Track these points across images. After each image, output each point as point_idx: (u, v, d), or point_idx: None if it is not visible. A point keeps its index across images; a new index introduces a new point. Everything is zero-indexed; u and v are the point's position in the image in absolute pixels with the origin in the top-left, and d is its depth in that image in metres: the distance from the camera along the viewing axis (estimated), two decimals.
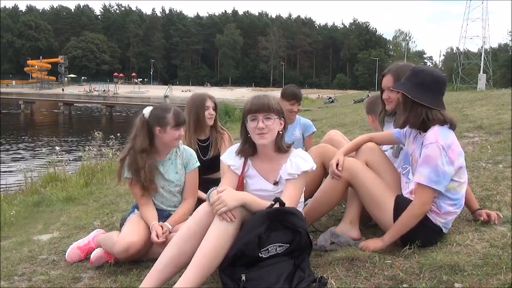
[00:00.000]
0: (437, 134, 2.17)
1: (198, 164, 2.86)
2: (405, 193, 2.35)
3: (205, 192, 2.19)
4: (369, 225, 2.67)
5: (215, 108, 3.44)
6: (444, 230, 2.29)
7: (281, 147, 2.25)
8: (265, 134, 2.18)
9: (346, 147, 2.57)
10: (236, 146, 2.38)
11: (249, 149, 2.29)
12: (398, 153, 2.70)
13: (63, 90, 64.76)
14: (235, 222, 1.97)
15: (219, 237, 1.94)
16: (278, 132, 2.23)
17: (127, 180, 2.73)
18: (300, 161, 2.21)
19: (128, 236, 2.50)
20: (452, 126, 2.25)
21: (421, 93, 2.22)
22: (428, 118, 2.22)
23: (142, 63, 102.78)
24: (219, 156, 3.32)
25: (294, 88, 3.71)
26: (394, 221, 2.25)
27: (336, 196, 2.50)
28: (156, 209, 2.77)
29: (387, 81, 2.70)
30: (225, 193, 1.99)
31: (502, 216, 2.45)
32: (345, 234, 2.42)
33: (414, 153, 2.33)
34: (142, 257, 2.58)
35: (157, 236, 2.50)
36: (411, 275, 1.96)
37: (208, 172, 3.28)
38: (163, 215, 2.76)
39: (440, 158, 2.13)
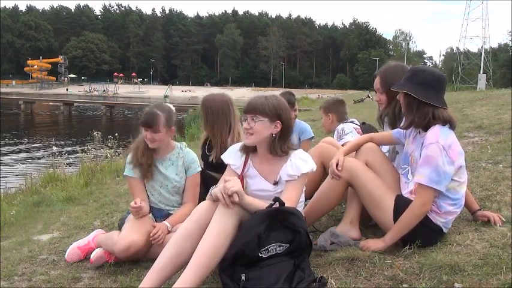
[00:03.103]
0: (438, 134, 2.17)
1: (199, 169, 2.86)
2: (405, 193, 2.35)
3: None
4: (369, 225, 2.66)
5: None
6: (444, 230, 2.29)
7: (275, 151, 2.23)
8: (250, 135, 2.20)
9: (346, 147, 2.57)
10: (237, 145, 2.40)
11: (249, 146, 2.31)
12: (395, 157, 2.70)
13: (67, 90, 64.74)
14: (234, 219, 1.98)
15: (217, 235, 1.94)
16: (272, 134, 2.22)
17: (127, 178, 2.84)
18: (300, 163, 2.21)
19: (129, 235, 2.51)
20: (452, 126, 2.25)
21: (426, 92, 2.21)
22: (434, 117, 2.21)
23: (142, 63, 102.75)
24: None
25: (286, 94, 3.81)
26: (394, 221, 2.25)
27: (336, 196, 2.50)
28: (155, 208, 2.80)
29: (376, 83, 2.72)
30: (237, 180, 2.05)
31: (504, 219, 2.44)
32: (345, 234, 2.42)
33: (413, 153, 2.33)
34: (142, 257, 2.58)
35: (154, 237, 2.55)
36: (411, 275, 1.96)
37: None
38: (161, 215, 2.78)
39: (441, 158, 2.13)
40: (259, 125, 2.19)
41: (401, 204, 2.26)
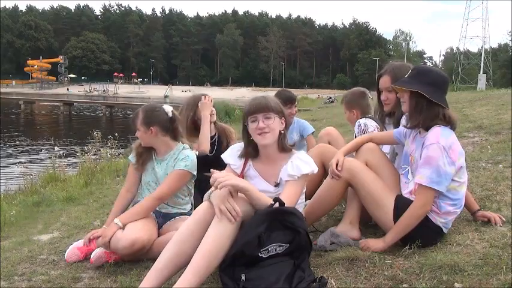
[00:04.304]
0: (439, 135, 2.17)
1: (184, 167, 2.73)
2: (405, 193, 2.35)
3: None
4: (369, 225, 2.66)
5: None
6: (444, 230, 2.29)
7: (284, 147, 2.26)
8: (267, 133, 2.19)
9: (346, 147, 2.56)
10: (238, 145, 2.39)
11: (251, 152, 2.30)
12: (394, 159, 2.69)
13: (68, 89, 64.82)
14: (235, 222, 1.98)
15: (217, 238, 1.94)
16: (280, 131, 2.23)
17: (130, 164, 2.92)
18: (300, 164, 2.21)
19: (133, 231, 2.51)
20: (453, 127, 2.25)
21: (434, 92, 2.21)
22: (445, 117, 2.21)
23: (142, 63, 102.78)
24: None
25: (286, 92, 3.87)
26: (395, 221, 2.25)
27: (336, 196, 2.49)
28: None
29: (385, 82, 2.68)
30: (232, 174, 2.04)
31: (504, 219, 2.44)
32: (344, 234, 2.42)
33: (413, 153, 2.33)
34: (144, 255, 2.58)
35: (90, 239, 2.61)
36: (411, 275, 1.96)
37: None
38: (160, 215, 2.80)
39: (441, 158, 2.13)
40: (273, 122, 2.20)
41: (401, 204, 2.26)
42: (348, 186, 2.46)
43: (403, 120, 2.49)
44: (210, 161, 3.28)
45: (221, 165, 2.54)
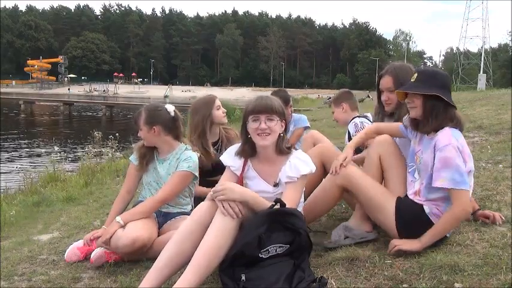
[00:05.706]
0: (450, 136, 2.14)
1: (187, 168, 2.72)
2: (410, 193, 2.33)
3: None
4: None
5: None
6: None
7: (282, 150, 2.24)
8: (267, 135, 2.18)
9: (355, 141, 2.52)
10: (236, 146, 2.38)
11: (248, 150, 2.29)
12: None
13: (69, 89, 64.88)
14: (235, 221, 1.98)
15: (217, 236, 1.94)
16: (279, 134, 2.22)
17: (131, 164, 2.91)
18: (299, 164, 2.20)
19: (135, 230, 2.52)
20: (461, 128, 2.24)
21: (447, 94, 2.20)
22: (457, 120, 2.20)
23: (142, 63, 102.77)
24: None
25: (283, 92, 3.96)
26: (397, 224, 2.24)
27: (332, 199, 2.49)
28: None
29: (386, 82, 2.66)
30: (230, 184, 2.03)
31: (504, 218, 2.44)
32: (357, 227, 2.41)
33: (419, 153, 2.29)
34: (144, 254, 2.58)
35: (90, 239, 2.62)
36: (411, 275, 1.96)
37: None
38: (159, 215, 2.80)
39: (458, 158, 2.10)
40: (275, 125, 2.19)
41: (402, 206, 2.26)
42: (344, 191, 2.44)
43: (405, 122, 2.45)
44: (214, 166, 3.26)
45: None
